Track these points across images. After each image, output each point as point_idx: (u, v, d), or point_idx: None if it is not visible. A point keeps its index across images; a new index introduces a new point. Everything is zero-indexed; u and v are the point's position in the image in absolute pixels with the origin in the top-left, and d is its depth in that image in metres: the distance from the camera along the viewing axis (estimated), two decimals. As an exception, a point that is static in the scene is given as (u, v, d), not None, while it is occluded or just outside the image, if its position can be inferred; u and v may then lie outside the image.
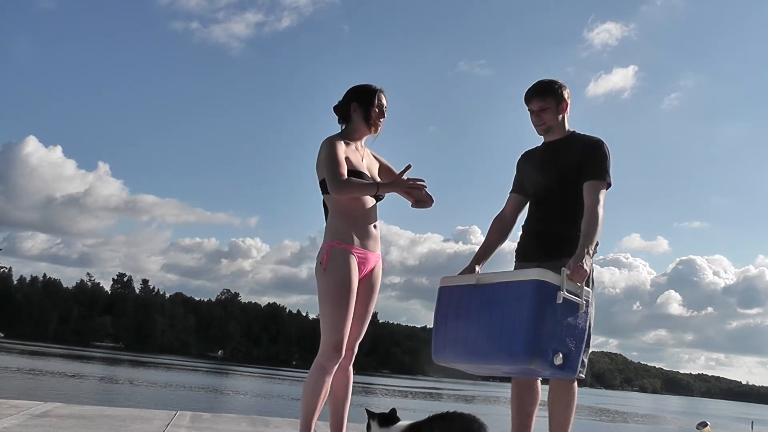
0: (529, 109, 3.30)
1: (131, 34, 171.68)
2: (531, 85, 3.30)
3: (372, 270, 3.24)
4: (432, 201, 3.32)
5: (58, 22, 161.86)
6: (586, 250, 2.94)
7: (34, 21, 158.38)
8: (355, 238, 3.15)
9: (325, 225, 3.23)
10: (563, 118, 3.28)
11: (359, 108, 3.26)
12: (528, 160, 3.41)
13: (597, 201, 3.06)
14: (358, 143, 3.29)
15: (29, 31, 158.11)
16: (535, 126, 3.31)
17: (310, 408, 3.09)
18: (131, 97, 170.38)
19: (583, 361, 3.03)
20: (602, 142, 3.21)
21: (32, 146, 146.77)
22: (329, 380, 3.11)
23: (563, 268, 2.84)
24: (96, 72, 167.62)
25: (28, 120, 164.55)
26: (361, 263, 3.17)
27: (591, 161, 3.15)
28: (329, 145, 3.16)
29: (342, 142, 3.20)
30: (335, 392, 3.21)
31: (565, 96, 3.27)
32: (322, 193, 3.23)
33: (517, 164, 3.48)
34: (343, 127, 3.31)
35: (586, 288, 2.89)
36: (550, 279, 2.79)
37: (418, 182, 3.19)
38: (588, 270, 2.91)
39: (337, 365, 3.11)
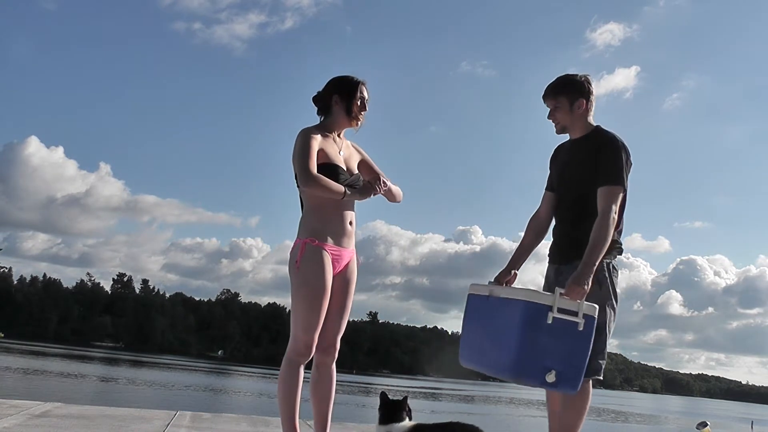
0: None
1: (133, 34, 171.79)
2: (551, 81, 3.22)
3: (346, 266, 3.22)
4: (388, 192, 3.29)
5: (59, 23, 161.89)
6: (588, 266, 2.90)
7: (36, 21, 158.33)
8: (330, 236, 3.13)
9: (300, 219, 3.21)
10: (582, 115, 3.17)
11: (341, 101, 3.21)
12: (556, 157, 3.35)
13: (608, 209, 2.98)
14: (336, 135, 3.25)
15: (31, 31, 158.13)
16: (553, 125, 3.25)
17: (290, 406, 3.12)
18: (133, 98, 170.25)
19: (599, 363, 3.05)
20: (615, 141, 3.08)
21: (34, 147, 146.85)
22: (302, 375, 3.14)
23: (557, 288, 2.84)
24: (98, 72, 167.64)
25: (30, 120, 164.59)
26: (336, 260, 3.15)
27: (604, 164, 3.04)
28: (303, 137, 3.12)
29: (318, 134, 3.16)
30: (319, 390, 3.22)
31: (583, 94, 3.15)
32: (298, 187, 3.19)
33: (549, 163, 3.40)
34: (322, 119, 3.27)
35: (588, 303, 2.86)
36: (540, 300, 2.80)
37: (378, 185, 3.18)
38: (587, 289, 2.87)
39: (307, 360, 3.14)
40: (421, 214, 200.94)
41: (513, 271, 3.26)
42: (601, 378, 3.10)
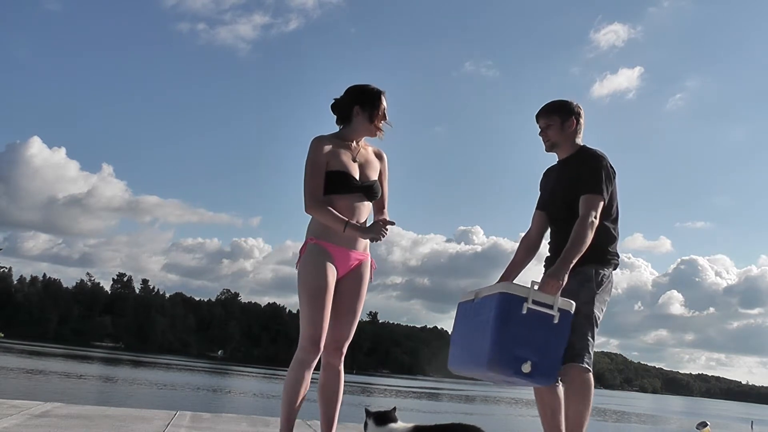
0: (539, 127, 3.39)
1: (136, 35, 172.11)
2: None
3: (355, 268, 3.21)
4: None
5: (63, 24, 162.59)
6: (566, 262, 3.02)
7: (39, 23, 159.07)
8: (334, 236, 3.13)
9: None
10: (571, 135, 3.32)
11: (362, 111, 3.21)
12: (547, 178, 3.48)
13: (588, 214, 3.11)
14: (354, 143, 3.24)
15: (35, 32, 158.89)
16: (543, 143, 3.38)
17: (291, 403, 3.12)
18: (136, 99, 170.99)
19: (589, 354, 3.11)
20: (599, 156, 3.23)
21: (36, 147, 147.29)
22: (309, 375, 3.13)
23: (532, 280, 2.99)
24: (101, 73, 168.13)
25: (33, 121, 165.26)
26: (340, 261, 3.16)
27: (587, 175, 3.18)
28: (313, 151, 3.14)
29: (330, 143, 3.17)
30: (326, 392, 3.21)
31: (574, 114, 3.31)
32: None
33: (539, 184, 3.53)
34: (341, 128, 3.27)
35: (564, 299, 2.98)
36: (515, 291, 2.93)
37: (385, 228, 3.12)
38: (562, 282, 2.98)
39: (316, 360, 3.14)
40: (422, 215, 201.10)
41: None
42: (588, 368, 3.12)
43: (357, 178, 3.18)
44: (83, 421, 4.16)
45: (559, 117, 3.31)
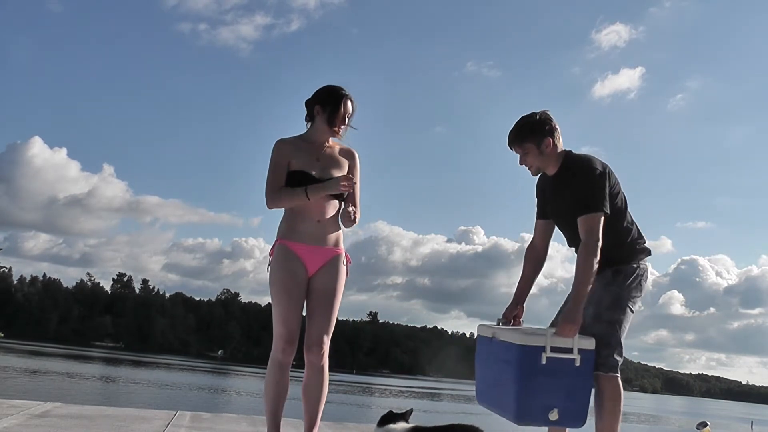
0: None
1: (138, 35, 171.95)
2: (511, 128, 3.22)
3: (327, 263, 3.23)
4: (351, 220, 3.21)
5: (65, 24, 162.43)
6: (577, 302, 2.96)
7: (41, 23, 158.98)
8: (300, 235, 3.19)
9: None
10: (552, 153, 3.19)
11: (322, 111, 3.23)
12: (544, 190, 3.37)
13: (587, 240, 3.03)
14: (318, 143, 3.27)
15: (37, 33, 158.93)
16: (527, 169, 3.27)
17: (272, 404, 3.19)
18: (138, 99, 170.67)
19: (615, 359, 3.06)
20: (586, 168, 3.12)
21: (37, 148, 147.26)
22: (286, 374, 3.19)
23: (548, 328, 2.96)
24: (103, 74, 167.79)
25: (34, 121, 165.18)
26: (309, 259, 3.20)
27: (577, 195, 3.10)
28: (273, 151, 3.22)
29: (292, 144, 3.23)
30: (308, 390, 3.24)
31: (546, 132, 3.16)
32: None
33: (535, 191, 3.44)
34: (308, 128, 3.32)
35: (584, 337, 2.94)
36: (532, 342, 2.89)
37: (347, 181, 3.12)
38: (578, 326, 2.94)
39: (291, 358, 3.19)
40: (423, 215, 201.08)
41: (519, 306, 3.32)
42: (615, 374, 3.08)
43: (318, 175, 3.19)
44: (83, 421, 4.16)
45: (532, 143, 3.16)
